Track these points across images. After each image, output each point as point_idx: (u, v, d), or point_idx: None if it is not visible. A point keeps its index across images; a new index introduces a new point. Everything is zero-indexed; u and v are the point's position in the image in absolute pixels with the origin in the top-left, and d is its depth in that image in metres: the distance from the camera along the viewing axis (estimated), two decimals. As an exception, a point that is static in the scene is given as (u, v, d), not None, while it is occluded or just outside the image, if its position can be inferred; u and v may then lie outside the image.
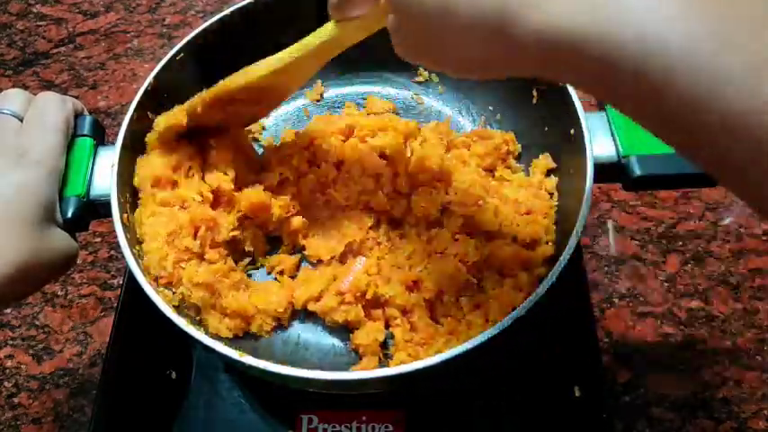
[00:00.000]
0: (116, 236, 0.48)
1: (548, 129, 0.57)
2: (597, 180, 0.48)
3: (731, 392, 0.61)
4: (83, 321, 0.70)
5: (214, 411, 0.54)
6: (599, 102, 0.53)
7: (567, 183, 0.54)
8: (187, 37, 0.59)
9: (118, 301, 0.61)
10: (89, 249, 0.74)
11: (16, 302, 0.70)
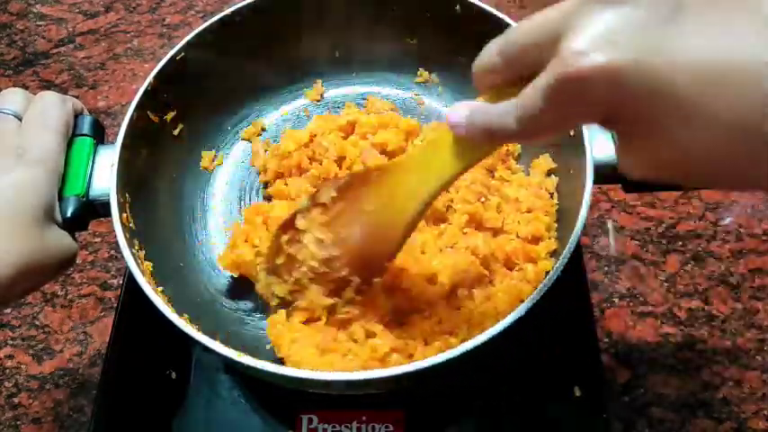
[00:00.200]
0: (116, 236, 0.48)
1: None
2: (597, 181, 0.48)
3: (731, 392, 0.61)
4: (83, 321, 0.70)
5: (214, 411, 0.54)
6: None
7: (567, 183, 0.54)
8: (187, 37, 0.59)
9: (118, 301, 0.61)
10: (89, 249, 0.74)
11: (16, 302, 0.70)
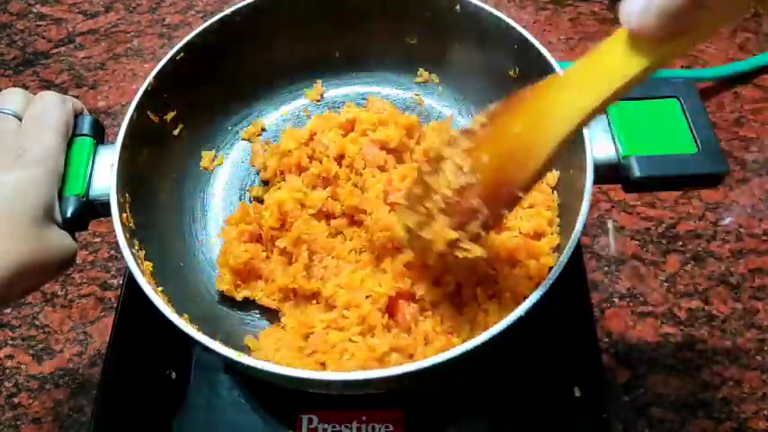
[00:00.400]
0: (116, 236, 0.48)
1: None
2: (597, 181, 0.48)
3: (731, 392, 0.61)
4: (83, 321, 0.70)
5: (214, 411, 0.54)
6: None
7: (567, 183, 0.54)
8: (187, 37, 0.59)
9: (118, 301, 0.60)
10: (89, 249, 0.74)
11: (16, 302, 0.70)
